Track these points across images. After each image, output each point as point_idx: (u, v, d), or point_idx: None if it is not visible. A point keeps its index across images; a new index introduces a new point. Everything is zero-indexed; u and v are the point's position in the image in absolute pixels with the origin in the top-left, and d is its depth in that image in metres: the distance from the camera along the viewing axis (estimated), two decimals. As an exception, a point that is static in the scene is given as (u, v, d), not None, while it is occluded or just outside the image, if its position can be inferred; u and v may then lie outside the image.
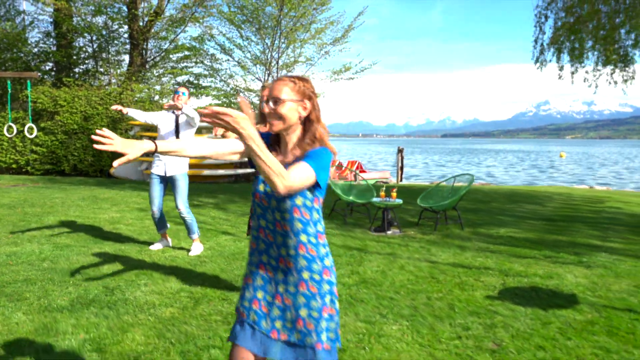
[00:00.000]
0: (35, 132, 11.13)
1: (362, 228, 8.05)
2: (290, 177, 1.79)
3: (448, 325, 4.04)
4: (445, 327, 4.01)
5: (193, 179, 14.92)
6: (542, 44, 10.46)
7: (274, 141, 2.15)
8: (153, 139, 13.24)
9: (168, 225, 6.24)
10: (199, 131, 14.22)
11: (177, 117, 5.89)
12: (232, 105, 17.55)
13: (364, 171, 19.85)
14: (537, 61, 10.52)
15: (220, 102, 17.95)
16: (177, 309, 4.19)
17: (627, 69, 10.16)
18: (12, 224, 7.40)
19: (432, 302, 4.58)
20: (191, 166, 15.09)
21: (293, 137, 2.07)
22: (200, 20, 17.20)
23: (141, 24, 16.71)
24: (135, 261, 5.63)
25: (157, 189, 5.93)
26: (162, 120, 5.90)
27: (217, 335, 3.67)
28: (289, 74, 2.30)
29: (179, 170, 5.88)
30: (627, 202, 12.96)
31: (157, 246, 6.23)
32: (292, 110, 2.03)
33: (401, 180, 19.57)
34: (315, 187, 1.98)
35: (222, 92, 18.14)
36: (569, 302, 4.67)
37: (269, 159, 1.72)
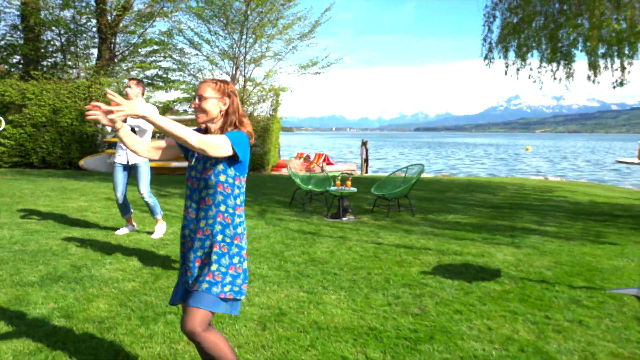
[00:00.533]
0: (3, 125, 11.33)
1: (319, 215, 8.56)
2: (202, 136, 2.33)
3: (381, 295, 4.58)
4: (378, 296, 4.55)
5: (162, 171, 15.26)
6: (490, 42, 11.15)
7: (203, 133, 2.66)
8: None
9: (132, 210, 6.65)
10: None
11: None
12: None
13: (330, 163, 20.39)
14: (485, 58, 11.22)
15: (189, 95, 18.25)
16: (138, 283, 4.65)
17: (569, 66, 10.91)
18: (-17, 212, 7.71)
19: (371, 277, 5.12)
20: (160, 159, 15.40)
21: (215, 126, 2.59)
22: (169, 15, 17.45)
23: (109, 18, 16.88)
24: (102, 244, 6.05)
25: (120, 176, 6.36)
26: None
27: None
28: (214, 77, 2.81)
29: (141, 159, 6.32)
30: (574, 192, 13.77)
31: (122, 231, 6.65)
32: (213, 105, 2.57)
33: (366, 172, 20.16)
34: (236, 164, 2.50)
35: (191, 86, 18.43)
36: (493, 276, 5.26)
37: (173, 126, 2.25)
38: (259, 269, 5.25)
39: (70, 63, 17.84)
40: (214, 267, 2.48)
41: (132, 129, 6.28)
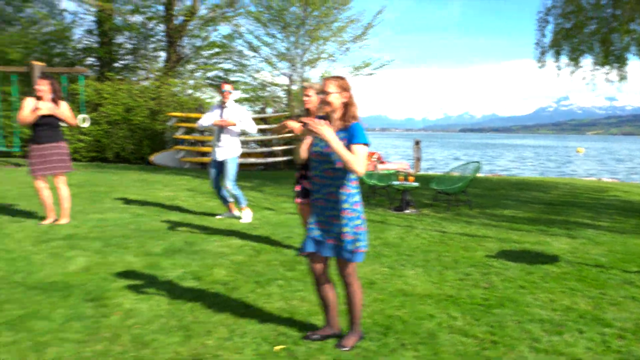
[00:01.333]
0: (89, 122, 12.50)
1: (382, 207, 9.26)
2: (359, 162, 3.17)
3: (453, 272, 5.26)
4: (450, 273, 5.23)
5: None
6: (542, 47, 11.63)
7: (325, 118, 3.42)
8: (190, 129, 14.34)
9: (230, 199, 7.50)
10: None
11: (222, 110, 7.18)
12: (260, 98, 18.85)
13: (383, 162, 21.00)
14: (538, 61, 11.68)
15: (248, 95, 19.22)
16: (244, 256, 5.48)
17: (622, 69, 11.26)
18: (88, 199, 8.75)
19: (441, 258, 5.79)
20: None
21: (336, 115, 3.32)
22: (230, 20, 18.48)
23: (176, 22, 18.05)
24: (201, 226, 6.94)
25: (212, 171, 7.26)
26: (213, 117, 7.21)
27: (279, 272, 4.95)
28: (334, 75, 3.52)
29: (228, 156, 7.16)
30: (627, 192, 13.98)
31: (225, 215, 7.51)
32: (336, 98, 3.30)
33: (419, 171, 20.69)
34: None
35: (250, 87, 19.38)
36: (551, 260, 5.85)
37: (346, 154, 3.10)
38: (341, 249, 6.00)
39: (140, 65, 19.12)
40: (345, 229, 3.25)
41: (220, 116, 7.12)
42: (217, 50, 19.66)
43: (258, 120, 17.23)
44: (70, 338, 3.47)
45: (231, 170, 7.25)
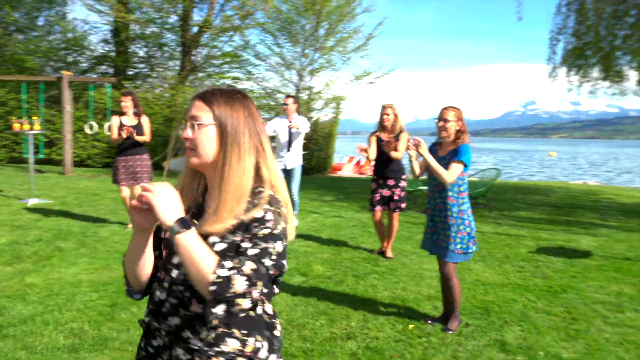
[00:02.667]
0: (96, 129, 13.16)
1: (412, 210, 10.10)
2: (451, 175, 3.92)
3: (510, 266, 6.13)
4: (507, 267, 6.09)
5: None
6: (554, 63, 12.79)
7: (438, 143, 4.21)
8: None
9: (297, 209, 8.11)
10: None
11: (289, 120, 7.78)
12: (268, 106, 19.56)
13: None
14: (549, 76, 12.82)
15: (258, 104, 19.89)
16: (329, 255, 6.27)
17: (622, 84, 12.45)
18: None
19: (493, 254, 6.66)
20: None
21: (449, 140, 4.09)
22: (242, 31, 19.11)
23: (191, 33, 18.61)
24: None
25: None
26: (279, 128, 7.79)
27: (368, 268, 5.76)
28: (451, 104, 4.23)
29: (297, 164, 7.83)
30: (618, 195, 15.15)
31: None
32: (452, 126, 4.07)
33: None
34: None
35: (259, 94, 20.02)
36: (586, 255, 6.77)
37: (438, 168, 3.89)
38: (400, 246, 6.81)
39: (154, 74, 19.61)
40: (448, 232, 4.03)
41: (289, 131, 7.71)
42: (227, 59, 20.21)
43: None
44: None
45: (299, 178, 7.80)
